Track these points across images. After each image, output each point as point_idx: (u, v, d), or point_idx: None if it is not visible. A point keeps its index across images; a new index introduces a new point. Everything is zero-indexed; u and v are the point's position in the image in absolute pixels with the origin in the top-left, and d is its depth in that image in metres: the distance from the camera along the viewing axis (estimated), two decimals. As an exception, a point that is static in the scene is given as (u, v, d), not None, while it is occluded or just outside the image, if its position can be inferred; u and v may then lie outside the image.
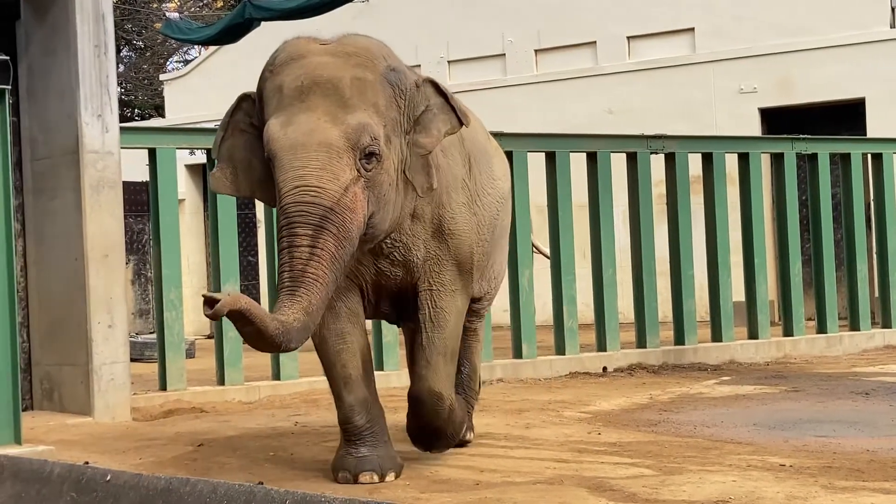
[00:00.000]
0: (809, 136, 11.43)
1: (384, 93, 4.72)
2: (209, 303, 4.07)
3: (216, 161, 5.03)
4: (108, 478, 4.16)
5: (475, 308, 5.93)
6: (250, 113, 4.95)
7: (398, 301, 5.32)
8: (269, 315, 4.24)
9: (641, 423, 6.84)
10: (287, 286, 4.36)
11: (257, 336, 4.24)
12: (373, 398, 5.18)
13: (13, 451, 5.80)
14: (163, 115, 22.32)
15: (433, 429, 5.31)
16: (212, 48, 19.44)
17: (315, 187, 4.44)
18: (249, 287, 17.12)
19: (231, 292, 4.19)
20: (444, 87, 5.00)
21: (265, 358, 8.83)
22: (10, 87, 6.32)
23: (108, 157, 7.65)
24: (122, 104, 25.59)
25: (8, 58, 6.37)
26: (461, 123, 4.96)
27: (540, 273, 10.37)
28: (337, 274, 4.50)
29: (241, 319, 4.17)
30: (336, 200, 4.46)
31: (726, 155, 10.89)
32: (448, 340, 5.21)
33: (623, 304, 10.69)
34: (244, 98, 5.01)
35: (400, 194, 4.85)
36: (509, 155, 9.65)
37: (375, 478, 5.01)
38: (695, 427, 6.62)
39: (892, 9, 15.32)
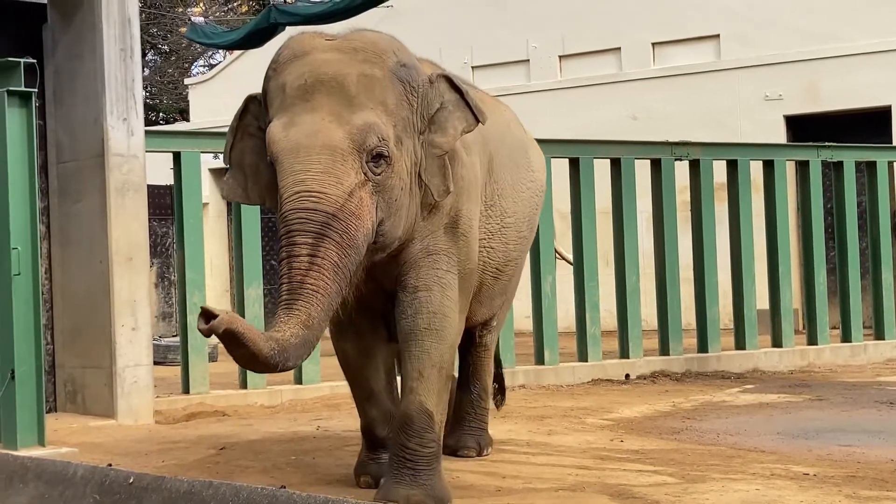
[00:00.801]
0: (835, 144, 11.38)
1: (394, 90, 4.42)
2: (206, 316, 3.82)
3: (228, 167, 4.82)
4: (131, 480, 4.17)
5: (489, 321, 5.76)
6: (257, 115, 4.67)
7: (391, 303, 4.84)
8: (263, 336, 3.91)
9: (664, 430, 6.81)
10: (285, 300, 4.07)
11: (250, 359, 3.94)
12: (396, 409, 4.93)
13: (37, 452, 5.84)
14: (187, 119, 22.39)
15: (415, 457, 4.63)
16: (236, 53, 19.50)
17: (316, 192, 4.14)
18: (272, 291, 17.11)
19: (230, 312, 3.86)
20: (459, 83, 4.69)
21: (288, 362, 8.81)
22: (36, 90, 6.36)
23: (133, 160, 7.67)
24: (147, 108, 25.67)
25: (35, 61, 6.39)
26: (477, 121, 4.65)
27: (563, 279, 10.35)
28: (341, 284, 4.16)
29: (234, 342, 3.86)
30: (339, 206, 4.15)
31: (751, 162, 10.85)
32: (445, 353, 4.74)
33: (646, 310, 10.66)
34: (251, 99, 4.74)
35: (414, 198, 4.54)
36: (533, 161, 9.66)
37: None
38: (718, 435, 6.59)
39: (920, 16, 15.24)
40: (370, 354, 5.02)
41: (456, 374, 5.68)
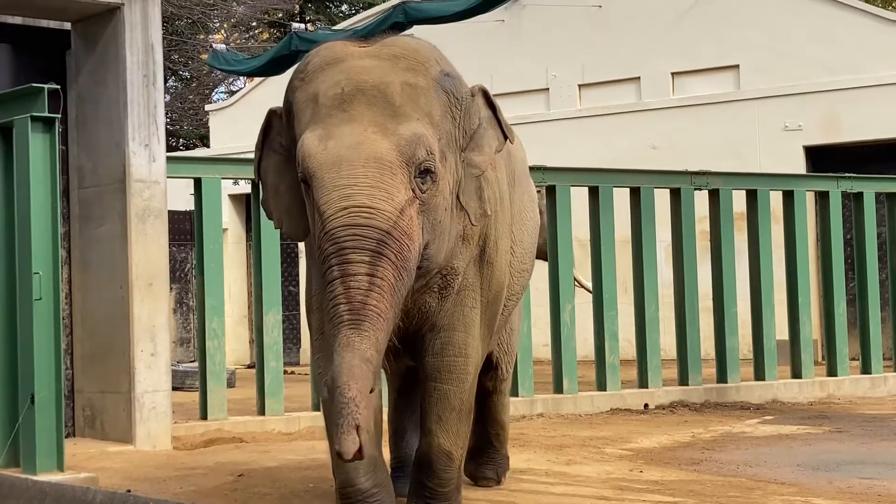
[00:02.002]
0: (855, 175, 11.36)
1: (438, 101, 4.06)
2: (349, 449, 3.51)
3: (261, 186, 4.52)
4: (150, 506, 4.17)
5: (498, 367, 5.53)
6: (280, 131, 4.33)
7: (415, 341, 4.58)
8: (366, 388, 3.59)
9: (683, 461, 6.78)
10: (349, 320, 3.65)
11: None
12: (381, 458, 4.56)
13: (56, 477, 5.84)
14: (207, 146, 22.49)
15: (434, 495, 4.60)
16: (257, 80, 19.57)
17: (368, 208, 3.74)
18: (290, 317, 17.16)
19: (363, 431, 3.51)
20: (493, 99, 4.39)
21: (305, 389, 8.82)
22: (60, 115, 6.39)
23: (155, 186, 7.70)
24: (168, 134, 25.80)
25: (59, 87, 6.43)
26: (506, 139, 4.37)
27: (581, 308, 10.33)
28: (396, 308, 3.82)
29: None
30: (393, 223, 3.77)
31: (771, 192, 10.83)
32: (465, 394, 4.56)
33: (665, 340, 10.63)
34: (273, 114, 4.39)
35: (454, 221, 4.19)
36: (552, 189, 9.68)
37: None
38: (737, 466, 6.55)
39: (940, 47, 15.22)
40: None
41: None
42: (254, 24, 28.96)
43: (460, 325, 4.47)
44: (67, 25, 8.16)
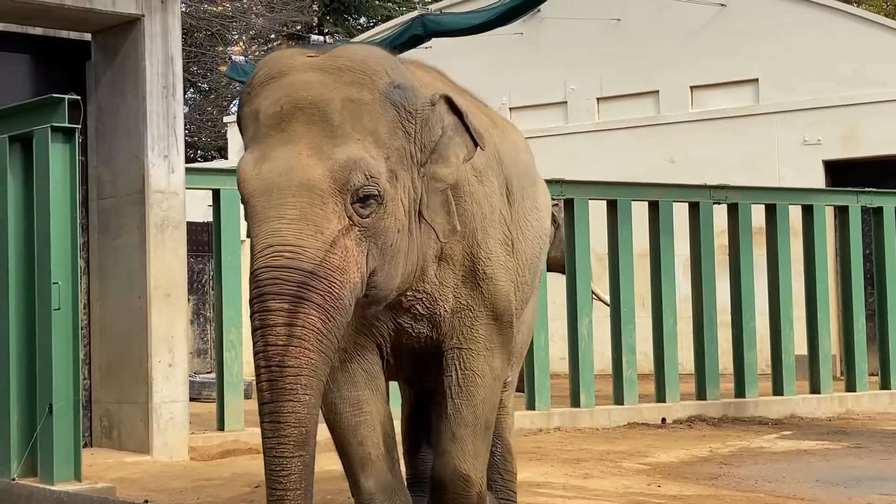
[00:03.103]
0: (874, 190, 11.32)
1: (385, 117, 3.72)
2: None
3: None
4: (167, 517, 4.16)
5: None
6: None
7: (422, 362, 4.39)
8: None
9: (701, 476, 6.75)
10: (267, 400, 3.44)
11: None
12: (398, 484, 4.33)
13: (73, 487, 5.85)
14: (225, 157, 22.54)
15: None
16: (275, 91, 19.59)
17: (292, 246, 3.47)
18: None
19: None
20: (460, 104, 4.00)
21: (323, 400, 8.80)
22: (80, 126, 6.40)
23: (173, 197, 7.72)
24: (186, 145, 25.88)
25: (79, 97, 6.44)
26: (476, 146, 3.99)
27: (599, 321, 10.31)
28: (327, 354, 3.52)
29: None
30: (319, 261, 3.48)
31: (790, 207, 10.80)
32: (479, 410, 4.28)
33: (683, 354, 10.59)
34: None
35: (414, 242, 3.89)
36: (570, 202, 9.66)
37: None
38: (756, 482, 6.52)
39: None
40: (365, 409, 4.23)
41: None
42: (272, 36, 29.03)
43: (463, 343, 4.25)
44: (88, 36, 8.19)
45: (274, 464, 3.44)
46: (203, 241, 15.80)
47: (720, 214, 10.45)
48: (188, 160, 25.11)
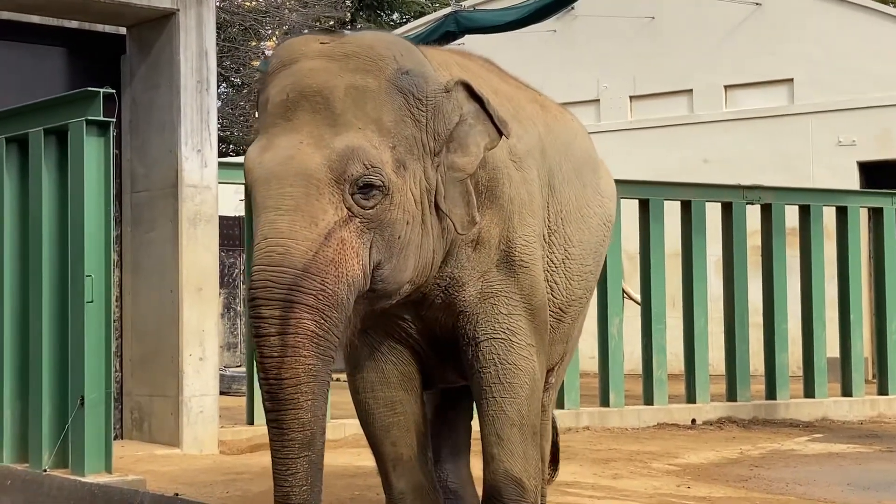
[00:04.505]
0: (910, 191, 11.23)
1: (391, 104, 3.60)
2: None
3: None
4: (198, 511, 4.17)
5: (546, 375, 4.62)
6: None
7: (455, 358, 4.15)
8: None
9: (731, 478, 6.71)
10: (269, 409, 3.41)
11: None
12: (429, 485, 4.21)
13: (104, 479, 5.88)
14: (258, 152, 22.58)
15: None
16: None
17: (284, 239, 3.40)
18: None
19: None
20: (480, 91, 3.83)
21: (352, 396, 8.80)
22: (114, 120, 6.43)
23: (206, 191, 7.74)
24: (219, 140, 26.02)
25: (113, 91, 6.47)
26: (500, 134, 3.82)
27: (629, 321, 10.27)
28: (328, 353, 3.43)
29: None
30: (311, 256, 3.38)
31: (824, 208, 10.73)
32: (524, 408, 4.03)
33: (713, 355, 10.54)
34: None
35: (429, 234, 3.73)
36: (603, 201, 9.61)
37: None
38: (786, 484, 6.48)
39: None
40: (399, 410, 4.14)
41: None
42: (306, 31, 29.06)
43: (499, 333, 3.99)
44: (123, 30, 8.23)
45: (280, 464, 3.44)
46: (234, 236, 15.85)
47: (753, 215, 10.39)
48: (221, 154, 25.17)
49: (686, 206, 10.11)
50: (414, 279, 3.73)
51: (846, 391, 10.61)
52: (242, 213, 8.93)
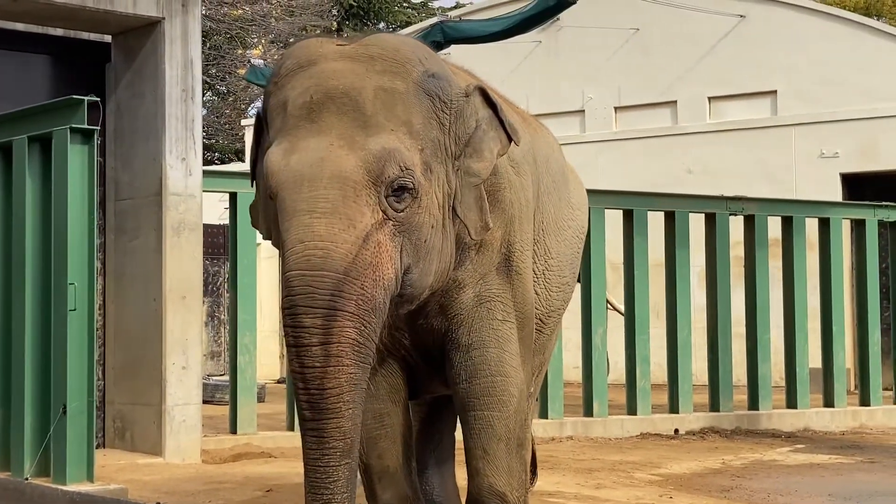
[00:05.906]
0: (892, 204, 11.29)
1: (420, 107, 3.57)
2: None
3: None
4: (179, 520, 4.16)
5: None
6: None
7: (442, 367, 4.09)
8: None
9: (714, 488, 6.73)
10: (309, 419, 3.32)
11: None
12: (414, 496, 4.17)
13: (85, 488, 5.86)
14: (242, 160, 22.61)
15: None
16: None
17: (323, 244, 3.32)
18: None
19: None
20: (495, 97, 3.86)
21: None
22: (99, 128, 6.42)
23: (191, 199, 7.74)
24: (203, 148, 26.00)
25: (98, 99, 6.46)
26: (510, 140, 3.83)
27: (612, 331, 10.29)
28: (367, 360, 3.39)
29: None
30: (352, 259, 3.32)
31: (807, 219, 10.77)
32: (511, 422, 3.98)
33: (696, 365, 10.57)
34: (260, 118, 3.90)
35: (448, 238, 3.70)
36: (587, 211, 9.64)
37: None
38: (768, 495, 6.50)
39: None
40: (387, 422, 4.11)
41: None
42: (291, 40, 29.08)
43: (492, 341, 3.95)
44: (108, 38, 8.22)
45: (320, 472, 3.34)
46: (218, 244, 15.83)
47: (736, 226, 10.43)
48: (205, 163, 25.15)
49: (670, 217, 10.14)
50: (434, 284, 3.71)
51: (828, 402, 10.65)
52: (227, 222, 8.89)
